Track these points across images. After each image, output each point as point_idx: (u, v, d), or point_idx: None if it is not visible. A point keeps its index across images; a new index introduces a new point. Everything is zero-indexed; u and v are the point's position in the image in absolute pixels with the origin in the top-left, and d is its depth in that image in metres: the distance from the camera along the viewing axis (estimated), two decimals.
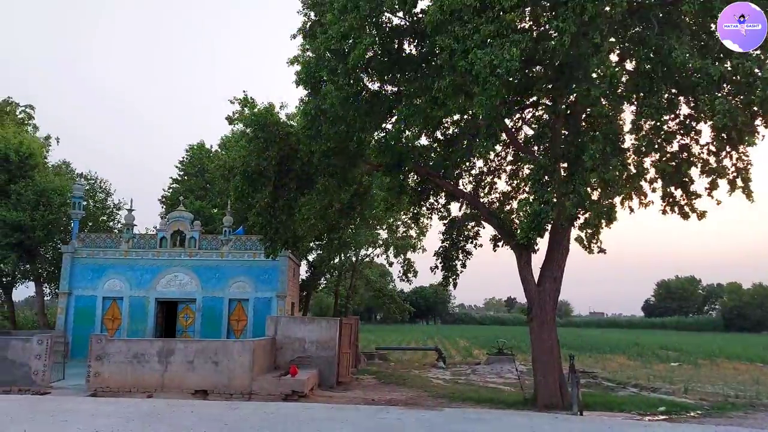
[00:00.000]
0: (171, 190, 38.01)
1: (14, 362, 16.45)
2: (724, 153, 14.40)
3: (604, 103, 12.74)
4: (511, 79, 11.75)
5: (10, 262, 27.72)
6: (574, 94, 13.92)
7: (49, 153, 32.26)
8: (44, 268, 29.19)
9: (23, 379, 16.33)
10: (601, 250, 14.42)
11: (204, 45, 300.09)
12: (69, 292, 25.22)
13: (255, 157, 17.42)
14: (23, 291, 35.89)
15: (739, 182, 14.12)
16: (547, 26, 13.04)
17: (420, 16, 14.54)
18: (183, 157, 38.99)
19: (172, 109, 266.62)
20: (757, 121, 13.26)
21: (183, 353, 16.54)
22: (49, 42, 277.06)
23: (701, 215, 14.87)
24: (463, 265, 18.78)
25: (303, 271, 35.25)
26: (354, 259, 38.44)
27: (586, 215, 13.77)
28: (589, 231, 13.59)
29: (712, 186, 14.39)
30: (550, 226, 14.39)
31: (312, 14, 15.67)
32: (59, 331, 24.10)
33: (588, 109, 14.14)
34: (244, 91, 22.57)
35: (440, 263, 18.73)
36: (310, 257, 36.30)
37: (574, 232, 15.10)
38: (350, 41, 13.81)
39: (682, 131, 14.40)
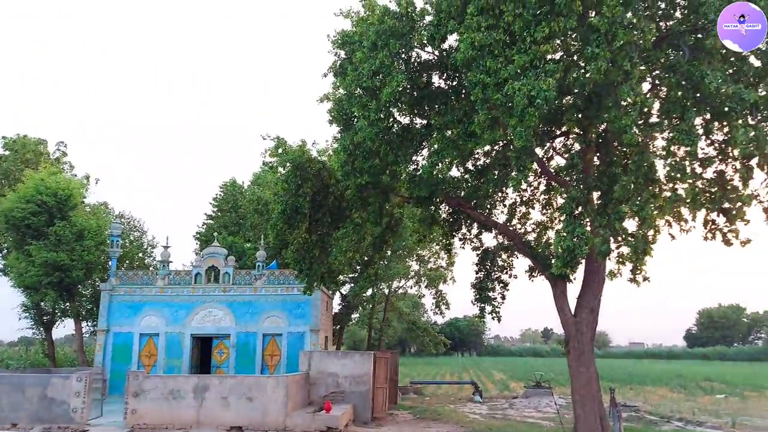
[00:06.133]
0: (205, 227, 38.57)
1: (54, 400, 16.71)
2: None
3: (635, 131, 12.56)
4: (547, 108, 11.79)
5: (50, 300, 28.21)
6: (605, 123, 13.78)
7: (88, 192, 32.84)
8: (83, 306, 29.64)
9: (62, 416, 16.56)
10: (646, 279, 14.07)
11: (232, 84, 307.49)
12: (107, 329, 25.63)
13: (291, 195, 17.67)
14: (62, 329, 36.37)
15: None
16: (576, 56, 13.05)
17: (448, 49, 14.72)
18: (216, 194, 39.68)
19: (204, 147, 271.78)
20: None
21: (218, 389, 16.57)
22: (81, 81, 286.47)
23: (745, 242, 14.28)
24: (503, 297, 18.53)
25: (336, 304, 35.21)
26: (386, 291, 38.24)
27: (621, 249, 13.45)
28: (630, 264, 13.29)
29: (738, 213, 13.72)
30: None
31: (342, 53, 15.95)
32: (97, 367, 24.45)
33: (620, 137, 13.94)
34: (277, 136, 23.23)
35: (476, 295, 18.52)
36: (343, 290, 36.26)
37: (610, 264, 14.80)
38: (380, 77, 14.05)
39: (719, 157, 14.06)
